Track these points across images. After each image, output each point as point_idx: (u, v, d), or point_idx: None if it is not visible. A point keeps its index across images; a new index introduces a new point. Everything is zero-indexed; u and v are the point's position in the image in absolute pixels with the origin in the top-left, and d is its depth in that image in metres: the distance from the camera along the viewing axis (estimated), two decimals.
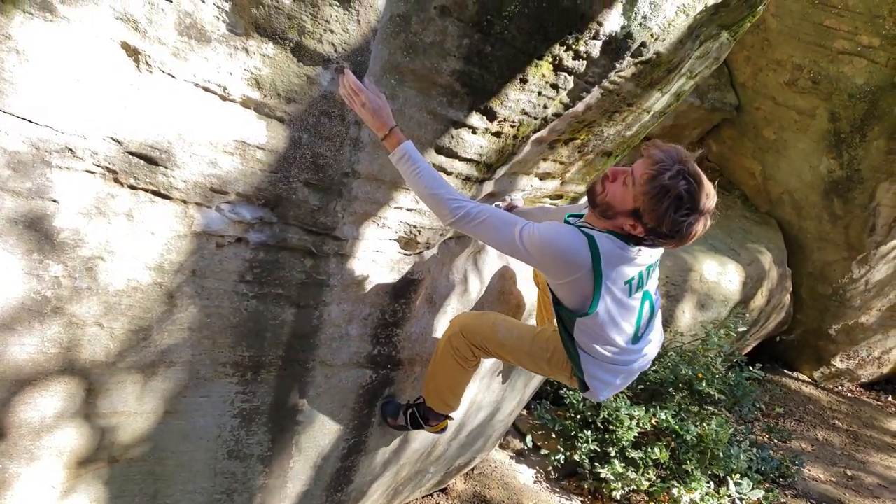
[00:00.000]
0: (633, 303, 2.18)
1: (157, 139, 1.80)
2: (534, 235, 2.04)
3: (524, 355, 2.50)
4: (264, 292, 2.17)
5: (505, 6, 1.93)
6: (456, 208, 2.05)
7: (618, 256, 2.06)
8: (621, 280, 2.10)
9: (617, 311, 2.14)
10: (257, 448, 2.45)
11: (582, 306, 2.11)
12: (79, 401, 1.98)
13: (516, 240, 2.05)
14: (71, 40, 1.63)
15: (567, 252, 2.03)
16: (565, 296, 2.15)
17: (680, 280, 5.73)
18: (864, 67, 5.65)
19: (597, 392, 2.36)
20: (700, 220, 1.94)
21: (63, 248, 1.76)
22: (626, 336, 2.22)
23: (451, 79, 2.07)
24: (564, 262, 2.04)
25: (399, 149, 2.02)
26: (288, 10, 1.78)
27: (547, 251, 2.04)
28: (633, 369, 2.36)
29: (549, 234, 2.05)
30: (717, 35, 2.63)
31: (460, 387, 2.70)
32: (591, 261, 2.02)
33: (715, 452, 4.55)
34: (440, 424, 2.78)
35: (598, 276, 2.03)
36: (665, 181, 1.88)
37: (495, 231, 2.08)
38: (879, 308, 7.46)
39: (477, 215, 2.06)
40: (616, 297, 2.11)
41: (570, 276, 2.05)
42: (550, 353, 2.44)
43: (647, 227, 1.98)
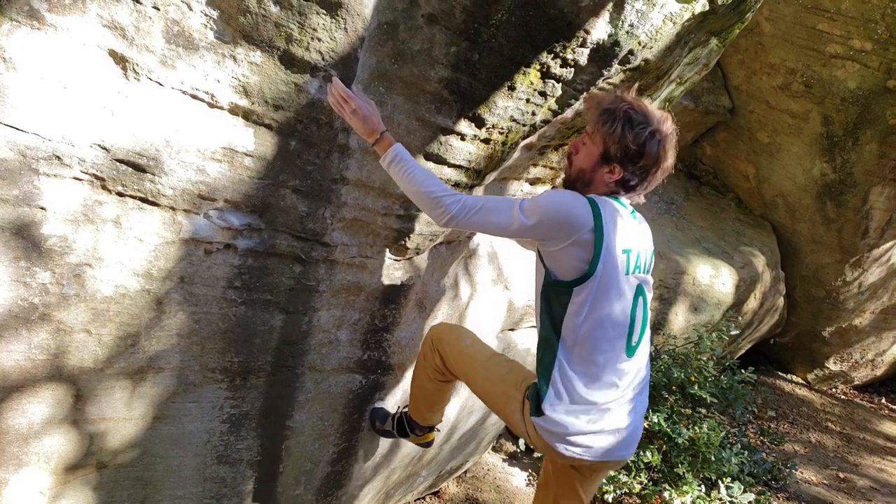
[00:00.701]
0: (627, 284, 2.05)
1: (144, 146, 1.80)
2: (535, 202, 2.00)
3: (480, 366, 2.34)
4: (253, 298, 2.18)
5: (492, 15, 1.94)
6: (451, 203, 1.99)
7: (615, 217, 2.03)
8: (620, 245, 2.02)
9: (613, 283, 2.00)
10: (247, 453, 2.46)
11: (581, 271, 1.98)
12: (67, 407, 1.98)
13: (517, 215, 1.99)
14: (58, 48, 1.64)
15: (570, 209, 1.98)
16: (564, 263, 2.01)
17: (673, 283, 5.74)
18: (856, 72, 5.67)
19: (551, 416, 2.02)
20: (661, 137, 2.00)
21: (50, 255, 1.77)
22: (621, 323, 2.04)
23: (439, 86, 2.08)
24: (568, 221, 1.97)
25: (390, 151, 2.02)
26: (275, 19, 1.79)
27: (549, 212, 1.98)
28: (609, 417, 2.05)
29: (551, 196, 2.04)
30: (707, 42, 2.64)
31: (436, 402, 2.62)
32: (593, 218, 1.97)
33: (706, 456, 4.56)
34: (426, 437, 2.77)
35: (599, 233, 1.96)
36: (607, 106, 2.01)
37: (495, 215, 2.02)
38: (873, 311, 7.48)
39: (474, 204, 2.02)
40: (614, 263, 2.00)
41: (573, 235, 1.96)
42: (508, 369, 2.31)
43: (619, 159, 2.01)
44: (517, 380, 2.23)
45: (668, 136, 2.01)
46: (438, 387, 2.54)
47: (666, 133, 2.01)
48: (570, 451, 2.06)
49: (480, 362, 2.34)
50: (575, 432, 2.03)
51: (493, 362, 2.35)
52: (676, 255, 5.93)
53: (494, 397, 2.31)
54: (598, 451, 2.07)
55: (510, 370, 2.30)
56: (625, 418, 2.09)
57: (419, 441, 2.82)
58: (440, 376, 2.48)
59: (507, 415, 2.26)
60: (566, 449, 2.05)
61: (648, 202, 6.70)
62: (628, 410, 2.10)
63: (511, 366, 2.35)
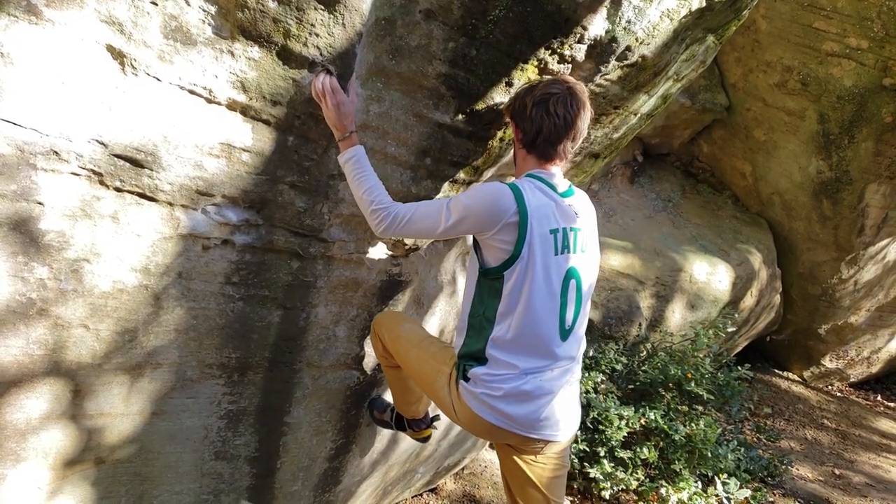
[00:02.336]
0: (558, 264, 2.05)
1: (142, 142, 1.80)
2: (459, 198, 2.04)
3: (414, 347, 2.34)
4: (250, 294, 2.18)
5: (489, 10, 1.95)
6: (384, 216, 2.02)
7: (539, 197, 2.04)
8: (546, 225, 2.03)
9: (545, 261, 2.02)
10: (244, 449, 2.46)
11: (508, 254, 2.00)
12: (65, 402, 1.99)
13: (444, 214, 2.02)
14: (56, 43, 1.63)
15: (491, 197, 2.01)
16: (494, 249, 2.03)
17: (670, 280, 5.75)
18: (852, 69, 5.68)
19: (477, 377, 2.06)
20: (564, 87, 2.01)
21: (48, 251, 1.77)
22: (553, 305, 2.05)
23: (436, 82, 2.09)
24: (492, 207, 1.99)
25: (350, 150, 2.03)
26: (273, 14, 1.79)
27: (472, 205, 2.00)
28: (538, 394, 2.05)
29: (474, 190, 2.10)
30: (703, 38, 2.65)
31: (406, 391, 2.59)
32: (516, 201, 1.99)
33: (703, 452, 4.58)
34: (423, 432, 2.77)
35: (523, 217, 1.98)
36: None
37: (424, 221, 2.05)
38: (868, 308, 7.50)
39: (405, 215, 2.03)
40: (542, 240, 2.01)
41: (500, 221, 1.98)
42: (439, 348, 2.32)
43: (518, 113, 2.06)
44: (447, 356, 2.25)
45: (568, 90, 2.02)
46: (398, 374, 2.51)
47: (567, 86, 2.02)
48: (494, 419, 2.06)
49: (414, 343, 2.35)
50: (499, 398, 2.04)
51: (427, 342, 2.37)
52: (673, 253, 5.95)
53: (425, 375, 2.30)
54: (522, 423, 2.06)
55: (442, 349, 2.33)
56: (555, 399, 2.09)
57: (417, 436, 2.83)
58: (391, 361, 2.47)
59: (435, 391, 2.26)
60: (490, 415, 2.06)
61: (645, 199, 6.72)
62: (560, 393, 2.10)
63: (444, 345, 2.38)
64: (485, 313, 2.08)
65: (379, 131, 2.14)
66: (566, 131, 2.04)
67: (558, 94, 2.00)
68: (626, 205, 6.48)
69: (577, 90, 2.02)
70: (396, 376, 2.53)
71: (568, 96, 2.01)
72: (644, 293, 5.62)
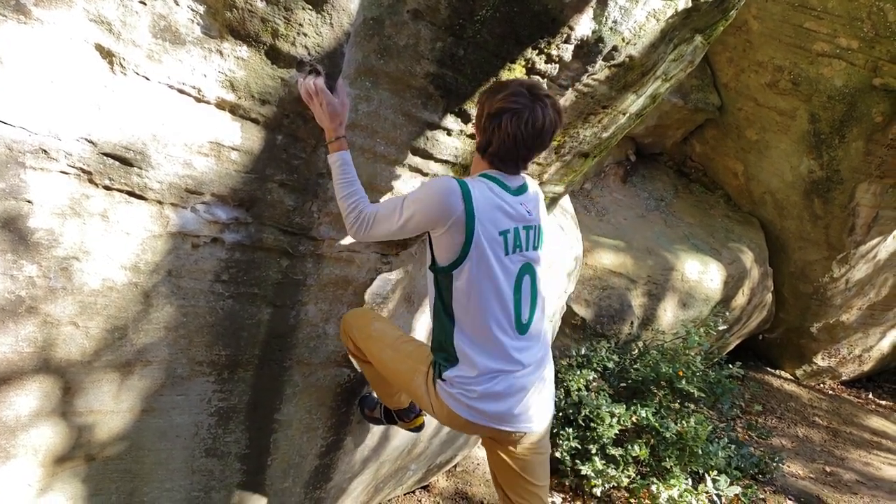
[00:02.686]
0: (509, 263, 2.07)
1: (131, 140, 1.82)
2: (409, 196, 2.05)
3: (388, 347, 2.35)
4: (240, 292, 2.20)
5: (476, 10, 1.96)
6: (354, 219, 2.06)
7: (489, 198, 2.03)
8: (495, 227, 2.03)
9: (494, 261, 2.03)
10: (235, 446, 2.47)
11: (456, 254, 2.02)
12: (55, 399, 2.00)
13: (398, 213, 2.04)
14: (45, 42, 1.64)
15: (439, 194, 1.99)
16: (443, 247, 2.05)
17: (661, 279, 5.78)
18: (842, 69, 5.72)
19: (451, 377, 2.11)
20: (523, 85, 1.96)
21: (37, 249, 1.78)
22: (504, 303, 2.07)
23: (425, 81, 2.10)
24: (439, 208, 1.99)
25: (338, 153, 2.06)
26: (261, 14, 1.80)
27: (421, 203, 2.01)
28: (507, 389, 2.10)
29: (424, 187, 2.07)
30: (691, 39, 2.67)
31: (384, 384, 2.59)
32: (464, 201, 1.99)
33: (694, 450, 4.61)
34: (414, 421, 2.79)
35: (470, 217, 1.98)
36: None
37: (384, 223, 2.06)
38: (860, 307, 7.55)
39: (368, 217, 2.06)
40: (491, 241, 2.02)
41: (449, 218, 1.99)
42: (414, 347, 2.35)
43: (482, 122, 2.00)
44: (423, 354, 2.28)
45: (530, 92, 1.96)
46: (373, 368, 2.50)
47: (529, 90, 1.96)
48: (470, 416, 2.12)
49: (388, 344, 2.36)
50: (474, 399, 2.09)
51: (400, 342, 2.38)
52: (665, 252, 5.98)
53: (401, 374, 2.33)
54: (497, 418, 2.12)
55: (416, 347, 2.35)
56: (528, 395, 2.14)
57: (408, 426, 2.83)
58: (364, 357, 2.46)
59: (413, 389, 2.29)
60: (467, 413, 2.12)
61: (638, 199, 6.75)
62: (532, 388, 2.15)
63: (417, 344, 2.40)
64: (444, 307, 2.12)
65: (368, 130, 2.16)
66: (517, 150, 2.01)
67: (516, 110, 1.93)
68: (618, 204, 6.50)
69: (538, 106, 1.94)
70: (372, 372, 2.53)
71: (526, 112, 1.93)
72: (636, 292, 5.64)
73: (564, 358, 5.25)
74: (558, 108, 2.01)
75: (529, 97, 1.94)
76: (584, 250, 5.31)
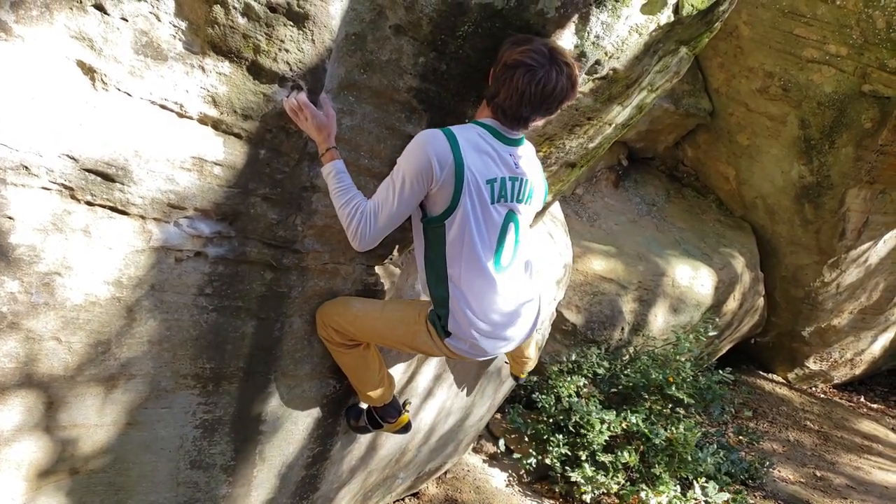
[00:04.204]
0: (495, 212, 2.14)
1: (113, 156, 1.82)
2: (403, 159, 2.04)
3: (378, 321, 2.42)
4: (224, 305, 2.20)
5: (458, 26, 1.97)
6: (358, 218, 2.04)
7: (476, 143, 2.05)
8: (482, 175, 2.07)
9: (480, 210, 2.10)
10: (220, 458, 2.48)
11: (447, 203, 2.07)
12: (37, 414, 2.00)
13: (398, 182, 2.03)
14: (26, 59, 1.65)
15: (426, 150, 1.99)
16: (434, 199, 2.09)
17: (652, 284, 5.80)
18: (832, 76, 5.75)
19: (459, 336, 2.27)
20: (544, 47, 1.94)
21: (19, 265, 1.78)
22: (489, 249, 2.18)
23: (408, 95, 2.11)
24: (429, 161, 1.99)
25: (331, 164, 2.06)
26: (243, 30, 1.81)
27: (411, 161, 2.01)
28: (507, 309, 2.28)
29: (408, 148, 2.05)
30: (676, 50, 2.68)
31: (366, 372, 2.60)
32: (452, 150, 2.00)
33: (683, 456, 4.63)
34: (398, 421, 2.78)
35: (458, 162, 2.01)
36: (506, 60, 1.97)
37: (386, 201, 2.05)
38: (851, 311, 7.58)
39: (370, 207, 2.06)
40: (478, 190, 2.07)
41: (440, 173, 2.01)
42: (402, 310, 2.46)
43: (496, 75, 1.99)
44: (415, 314, 2.38)
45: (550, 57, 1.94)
46: (354, 357, 2.52)
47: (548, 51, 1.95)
48: (476, 355, 2.39)
49: (376, 317, 2.43)
50: (477, 341, 2.28)
51: (387, 310, 2.47)
52: (656, 257, 5.99)
53: (403, 338, 2.44)
54: (493, 349, 2.37)
55: (405, 309, 2.45)
56: (510, 325, 2.33)
57: (394, 428, 2.83)
58: (348, 344, 2.48)
59: (418, 346, 2.43)
60: (474, 354, 2.37)
61: (630, 204, 6.77)
62: (513, 319, 2.32)
63: (403, 305, 2.52)
64: (436, 257, 2.19)
65: (351, 144, 2.17)
66: (521, 107, 1.99)
67: (531, 66, 1.91)
68: (610, 209, 6.52)
69: (554, 69, 1.92)
70: (353, 361, 2.53)
71: (541, 72, 1.91)
72: (627, 297, 5.66)
73: (555, 364, 5.26)
74: (574, 79, 2.00)
75: (549, 57, 1.93)
76: (575, 256, 5.33)
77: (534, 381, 5.20)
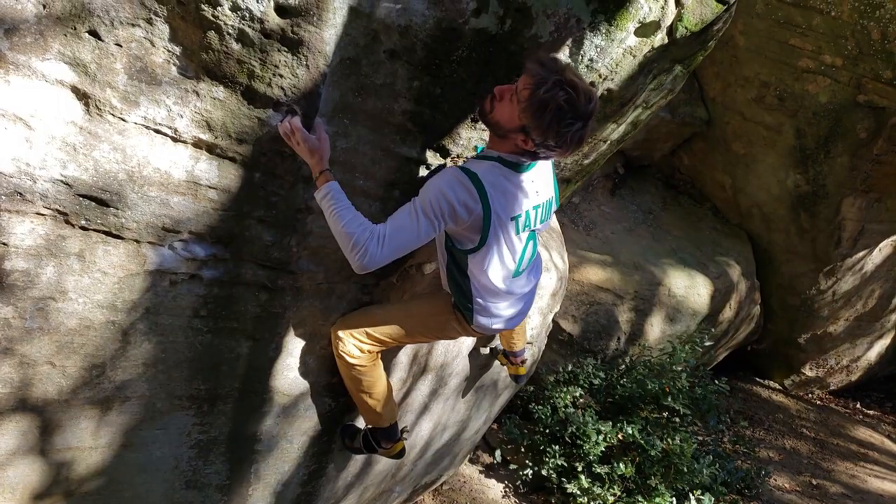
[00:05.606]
0: (517, 241, 2.27)
1: (107, 181, 1.82)
2: (426, 201, 2.04)
3: (406, 320, 2.51)
4: (219, 327, 2.20)
5: (453, 51, 1.98)
6: (366, 240, 2.00)
7: (504, 189, 2.11)
8: (508, 216, 2.16)
9: (504, 246, 2.24)
10: (215, 477, 2.47)
11: (473, 242, 2.18)
12: (32, 438, 2.00)
13: (417, 219, 2.04)
14: (20, 86, 1.65)
15: (458, 198, 2.04)
16: (459, 234, 2.19)
17: (648, 294, 5.80)
18: (827, 86, 5.76)
19: (485, 322, 2.46)
20: (584, 126, 1.96)
21: (13, 290, 1.78)
22: (508, 270, 2.33)
23: (402, 118, 2.11)
24: (460, 208, 2.05)
25: (325, 186, 2.03)
26: (237, 56, 1.81)
27: (444, 207, 2.04)
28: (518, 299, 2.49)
29: (435, 192, 2.05)
30: (671, 69, 2.69)
31: (382, 389, 2.63)
32: (480, 199, 2.06)
33: (679, 467, 4.62)
34: (394, 447, 2.79)
35: (486, 212, 2.08)
36: (543, 95, 1.88)
37: (403, 232, 2.06)
38: (847, 318, 7.59)
39: (383, 234, 2.04)
40: (504, 228, 2.18)
41: (469, 218, 2.08)
42: (429, 304, 2.57)
43: (535, 142, 2.00)
44: (442, 305, 2.53)
45: (589, 120, 1.96)
46: (371, 373, 2.56)
47: (588, 118, 1.95)
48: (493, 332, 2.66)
49: (404, 317, 2.54)
50: (495, 323, 2.49)
51: (413, 307, 2.61)
52: (652, 267, 6.00)
53: (434, 330, 2.61)
54: (507, 326, 2.57)
55: (430, 303, 2.58)
56: (519, 310, 2.55)
57: (389, 454, 2.83)
58: (372, 361, 2.54)
59: (447, 333, 2.62)
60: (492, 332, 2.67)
61: (626, 212, 6.77)
62: (521, 305, 2.55)
63: (426, 301, 2.62)
64: (458, 270, 2.33)
65: (347, 165, 2.17)
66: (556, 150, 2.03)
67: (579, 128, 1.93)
68: (606, 217, 6.52)
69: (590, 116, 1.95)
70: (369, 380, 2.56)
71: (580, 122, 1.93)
72: (623, 307, 5.66)
73: (551, 374, 5.26)
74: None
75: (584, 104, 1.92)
76: (571, 265, 5.33)
77: (530, 391, 5.21)
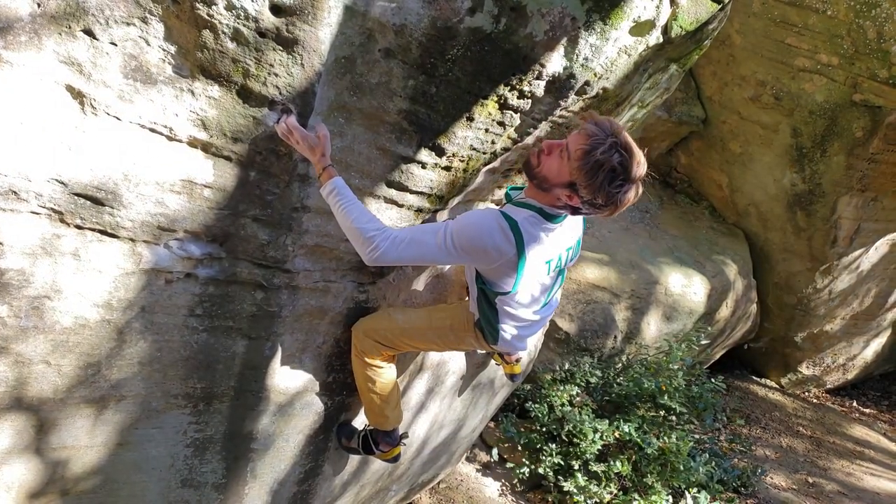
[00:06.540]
0: (548, 280, 2.37)
1: (102, 180, 1.82)
2: (458, 234, 2.07)
3: (427, 331, 2.57)
4: (215, 325, 2.20)
5: (448, 50, 1.98)
6: (381, 240, 2.02)
7: (540, 239, 2.16)
8: (542, 261, 2.23)
9: (536, 289, 2.34)
10: (211, 476, 2.48)
11: (505, 285, 2.25)
12: (27, 437, 2.00)
13: (445, 247, 2.08)
14: (14, 84, 1.65)
15: (492, 241, 2.08)
16: (491, 275, 2.25)
17: (645, 293, 5.81)
18: (823, 85, 5.78)
19: (508, 345, 2.53)
20: (633, 189, 1.98)
21: (7, 289, 1.78)
22: (537, 306, 2.44)
23: (398, 117, 2.12)
24: (491, 251, 2.10)
25: (329, 182, 2.04)
26: (232, 54, 1.81)
27: (473, 245, 2.09)
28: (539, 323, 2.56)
29: (472, 227, 2.09)
30: (666, 68, 2.69)
31: (394, 391, 2.68)
32: (517, 246, 2.11)
33: (675, 465, 4.64)
34: (391, 451, 2.80)
35: (521, 260, 2.14)
36: (599, 156, 1.90)
37: (423, 248, 2.08)
38: (843, 316, 7.61)
39: (403, 238, 2.05)
40: (535, 276, 2.28)
41: (499, 261, 2.14)
42: (449, 317, 2.58)
43: (582, 199, 2.02)
44: (463, 321, 2.55)
45: (637, 184, 1.99)
46: (385, 375, 2.61)
47: (637, 182, 1.98)
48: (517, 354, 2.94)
49: (425, 327, 2.58)
50: (517, 346, 2.58)
51: (435, 319, 2.61)
52: (649, 265, 6.01)
53: (451, 343, 2.64)
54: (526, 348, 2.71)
55: (452, 317, 2.59)
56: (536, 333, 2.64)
57: (385, 457, 2.84)
58: (388, 363, 2.61)
59: (463, 347, 2.70)
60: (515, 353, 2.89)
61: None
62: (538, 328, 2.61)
63: (449, 314, 2.62)
64: (487, 302, 2.38)
65: (342, 164, 2.17)
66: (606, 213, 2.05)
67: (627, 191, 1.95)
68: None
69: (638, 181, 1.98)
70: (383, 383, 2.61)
71: (634, 192, 1.97)
72: (619, 306, 5.67)
73: (548, 372, 5.27)
74: None
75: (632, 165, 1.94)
76: None
77: (527, 390, 5.21)
